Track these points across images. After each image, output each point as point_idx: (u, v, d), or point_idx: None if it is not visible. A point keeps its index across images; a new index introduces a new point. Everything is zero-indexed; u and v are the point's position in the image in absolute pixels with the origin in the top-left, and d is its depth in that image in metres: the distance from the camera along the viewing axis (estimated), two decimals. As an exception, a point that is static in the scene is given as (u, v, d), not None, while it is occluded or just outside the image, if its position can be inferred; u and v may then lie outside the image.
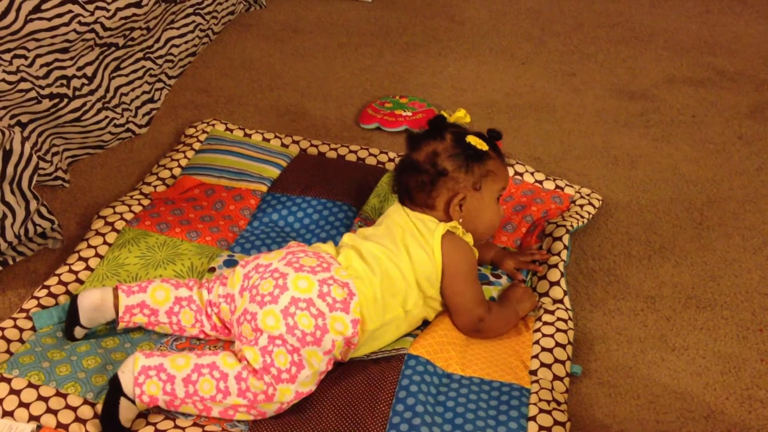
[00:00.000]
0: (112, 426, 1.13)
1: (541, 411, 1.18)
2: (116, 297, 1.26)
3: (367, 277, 1.23)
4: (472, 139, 1.34)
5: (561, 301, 1.40)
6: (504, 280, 1.45)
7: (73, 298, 1.27)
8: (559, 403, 1.21)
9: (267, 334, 1.16)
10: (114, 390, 1.13)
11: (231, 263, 1.44)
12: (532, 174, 1.70)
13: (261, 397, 1.14)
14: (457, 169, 1.33)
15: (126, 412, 1.13)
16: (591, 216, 1.62)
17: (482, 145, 1.34)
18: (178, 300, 1.27)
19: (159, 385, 1.13)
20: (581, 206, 1.64)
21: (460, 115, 1.40)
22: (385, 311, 1.24)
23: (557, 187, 1.69)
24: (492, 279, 1.45)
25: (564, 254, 1.48)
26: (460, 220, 1.34)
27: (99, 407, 1.17)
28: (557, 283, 1.43)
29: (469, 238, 1.35)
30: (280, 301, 1.17)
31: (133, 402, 1.13)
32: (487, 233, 1.40)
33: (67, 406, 1.17)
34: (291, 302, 1.17)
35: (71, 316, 1.26)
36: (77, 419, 1.16)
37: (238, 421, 1.17)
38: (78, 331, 1.27)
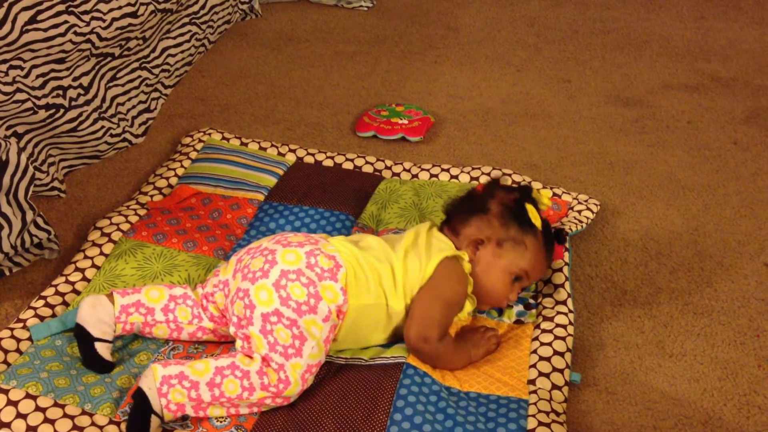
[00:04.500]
0: None
1: (540, 423, 1.17)
2: (111, 300, 1.27)
3: (352, 255, 1.26)
4: (530, 208, 1.35)
5: (564, 303, 1.39)
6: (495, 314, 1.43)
7: (76, 326, 1.25)
8: (558, 414, 1.21)
9: (260, 311, 1.18)
10: (143, 407, 1.13)
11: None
12: (529, 183, 1.70)
13: (281, 386, 1.16)
14: (497, 216, 1.34)
15: (153, 428, 1.14)
16: (589, 221, 1.62)
17: (535, 218, 1.34)
18: (173, 298, 1.29)
19: (183, 392, 1.14)
20: (579, 212, 1.64)
21: (540, 194, 1.41)
22: (369, 291, 1.25)
23: (554, 195, 1.69)
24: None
25: (566, 257, 1.48)
26: (468, 261, 1.33)
27: (97, 418, 1.17)
28: (561, 286, 1.43)
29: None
30: (271, 275, 1.20)
31: (161, 417, 1.14)
32: (482, 295, 1.35)
33: (65, 416, 1.16)
34: (281, 275, 1.20)
35: (82, 338, 1.24)
36: (75, 427, 1.15)
37: (236, 428, 1.17)
38: (100, 347, 1.23)
